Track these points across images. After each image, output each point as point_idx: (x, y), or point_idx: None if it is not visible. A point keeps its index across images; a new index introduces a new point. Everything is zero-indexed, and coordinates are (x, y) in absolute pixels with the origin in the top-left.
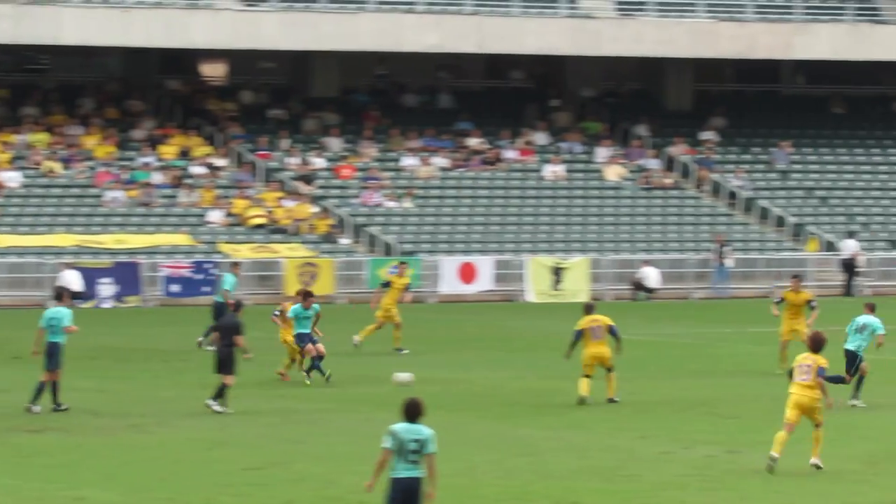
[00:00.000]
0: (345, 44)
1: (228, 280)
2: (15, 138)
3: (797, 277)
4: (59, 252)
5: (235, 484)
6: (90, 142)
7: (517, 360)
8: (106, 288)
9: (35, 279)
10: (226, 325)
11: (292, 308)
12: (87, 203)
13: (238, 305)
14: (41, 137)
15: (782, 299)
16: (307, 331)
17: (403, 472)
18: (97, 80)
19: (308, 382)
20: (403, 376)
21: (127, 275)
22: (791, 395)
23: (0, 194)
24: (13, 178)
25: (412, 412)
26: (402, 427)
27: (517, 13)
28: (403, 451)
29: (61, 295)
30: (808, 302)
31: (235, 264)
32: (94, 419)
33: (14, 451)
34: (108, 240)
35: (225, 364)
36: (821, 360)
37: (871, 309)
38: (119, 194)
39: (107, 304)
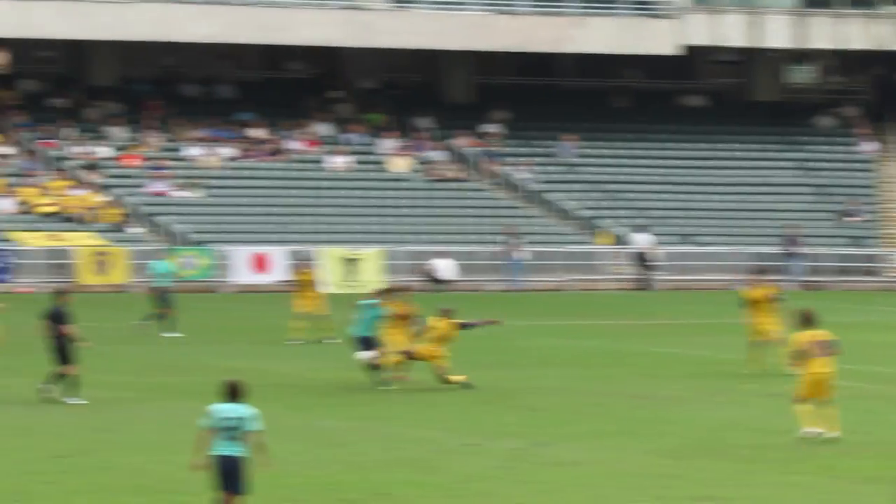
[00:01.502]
0: (121, 33)
1: (160, 266)
2: None
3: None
4: None
5: (46, 472)
6: None
7: (315, 350)
8: None
9: None
10: (51, 315)
11: None
12: None
13: (61, 293)
14: None
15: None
16: None
17: (222, 449)
18: None
19: None
20: (366, 354)
21: None
22: None
23: None
24: None
25: (231, 392)
26: (220, 407)
27: (291, 3)
28: (222, 429)
29: None
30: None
31: (164, 251)
32: None
33: None
34: None
35: (60, 354)
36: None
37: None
38: None
39: None
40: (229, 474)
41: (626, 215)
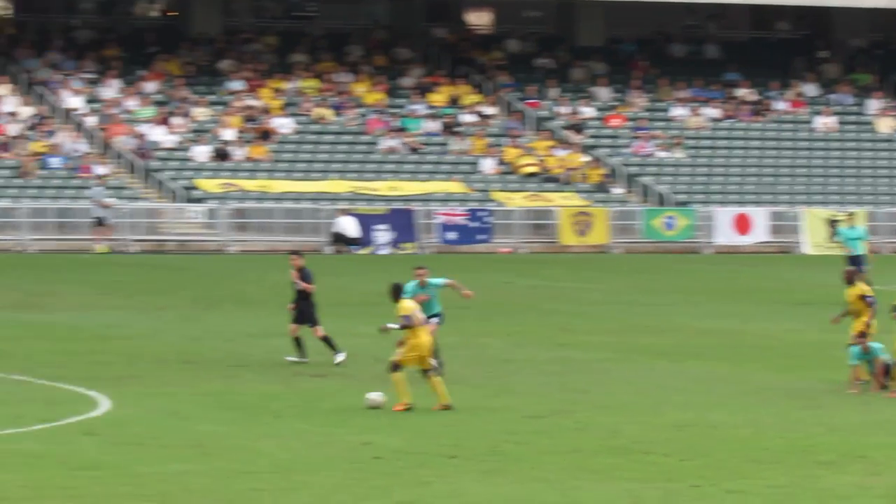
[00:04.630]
0: None
1: (851, 232)
2: (285, 85)
3: None
4: (333, 198)
5: (519, 432)
6: (359, 89)
7: (795, 312)
8: (382, 234)
9: (312, 224)
10: None
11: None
12: (358, 150)
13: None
14: (311, 84)
15: None
16: None
17: None
18: (364, 27)
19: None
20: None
21: (402, 221)
22: None
23: (273, 140)
24: (285, 125)
25: None
26: None
27: None
28: None
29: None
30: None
31: (851, 217)
32: (375, 365)
33: (301, 396)
34: (383, 186)
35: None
36: None
37: None
38: (391, 141)
39: (383, 251)
40: None
41: None
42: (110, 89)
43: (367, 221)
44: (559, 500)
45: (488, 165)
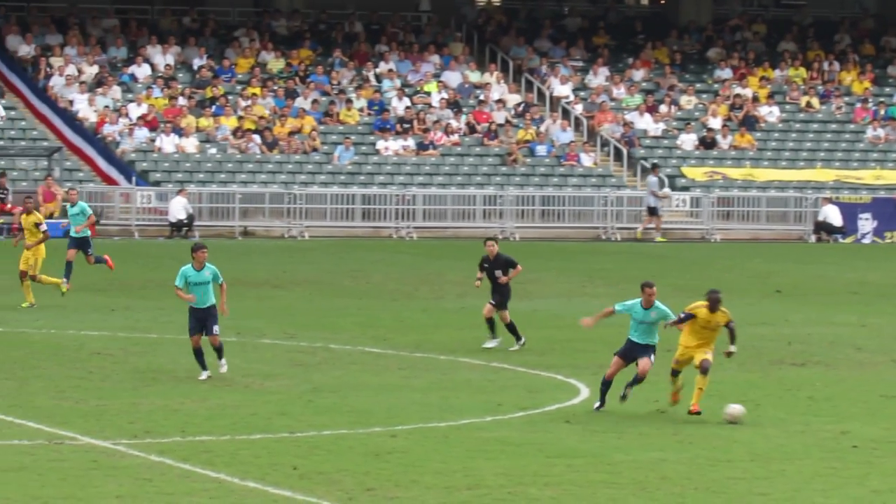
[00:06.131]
0: None
1: None
2: (773, 73)
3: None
4: (818, 187)
5: None
6: (847, 78)
7: None
8: (865, 223)
9: (796, 213)
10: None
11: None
12: (844, 138)
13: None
14: (799, 73)
15: None
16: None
17: None
18: (853, 16)
19: None
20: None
21: (886, 210)
22: None
23: (759, 128)
24: (772, 113)
25: None
26: None
27: None
28: None
29: None
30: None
31: None
32: (856, 353)
33: (779, 383)
34: (867, 175)
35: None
36: None
37: None
38: (877, 130)
39: (866, 240)
40: None
41: None
42: (598, 77)
43: (850, 210)
44: None
45: None
